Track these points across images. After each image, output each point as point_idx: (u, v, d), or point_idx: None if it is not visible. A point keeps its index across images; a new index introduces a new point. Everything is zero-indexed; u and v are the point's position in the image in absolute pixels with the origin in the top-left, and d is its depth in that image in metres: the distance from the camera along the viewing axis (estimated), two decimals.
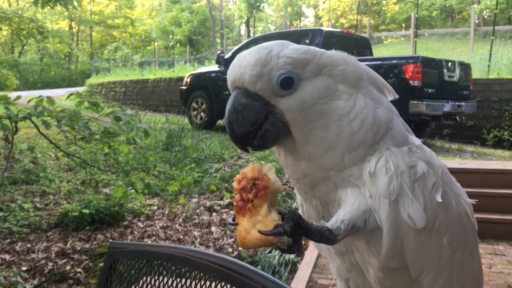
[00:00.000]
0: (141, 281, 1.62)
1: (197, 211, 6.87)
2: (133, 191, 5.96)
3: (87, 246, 5.82)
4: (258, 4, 29.36)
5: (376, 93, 1.31)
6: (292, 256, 5.19)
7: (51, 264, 5.38)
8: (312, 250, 5.07)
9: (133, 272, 1.65)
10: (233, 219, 1.22)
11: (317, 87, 1.22)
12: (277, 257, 5.20)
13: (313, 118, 1.22)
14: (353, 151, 1.23)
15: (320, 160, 1.24)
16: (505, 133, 11.41)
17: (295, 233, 1.16)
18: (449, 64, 9.95)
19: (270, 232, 1.13)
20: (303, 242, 1.21)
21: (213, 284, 1.36)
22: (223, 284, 1.33)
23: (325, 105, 1.22)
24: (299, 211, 1.46)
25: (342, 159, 1.24)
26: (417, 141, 1.36)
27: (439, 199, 1.26)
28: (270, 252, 5.36)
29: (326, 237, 1.19)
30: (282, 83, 1.20)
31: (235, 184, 1.23)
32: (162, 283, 1.54)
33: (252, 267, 1.26)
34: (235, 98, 1.22)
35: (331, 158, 1.23)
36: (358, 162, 1.24)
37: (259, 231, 1.13)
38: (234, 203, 1.21)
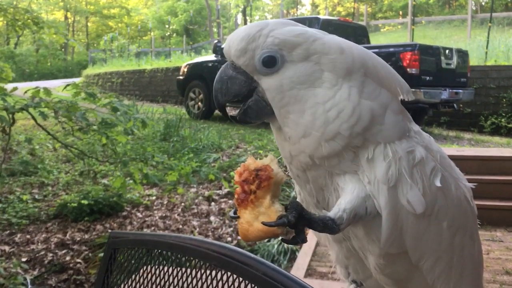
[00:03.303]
0: (141, 270, 1.63)
1: (196, 200, 6.88)
2: (131, 181, 5.97)
3: (86, 236, 5.84)
4: None
5: (372, 87, 1.26)
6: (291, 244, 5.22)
7: (51, 255, 5.39)
8: (310, 238, 5.09)
9: (133, 261, 1.66)
10: (235, 212, 1.21)
11: (299, 72, 1.22)
12: (276, 246, 5.22)
13: (289, 102, 1.22)
14: (330, 141, 1.21)
15: (297, 144, 1.25)
16: (503, 120, 11.42)
17: (297, 224, 1.15)
18: (447, 51, 9.93)
19: (274, 223, 1.12)
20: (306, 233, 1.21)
21: (214, 272, 1.37)
22: (223, 272, 1.33)
23: (302, 91, 1.22)
24: (298, 200, 1.47)
25: (319, 147, 1.23)
26: (415, 127, 1.35)
27: (438, 184, 1.25)
28: (269, 240, 5.38)
29: (329, 227, 1.19)
30: (265, 61, 1.22)
31: (236, 177, 1.21)
32: (162, 272, 1.55)
33: (252, 255, 1.26)
34: (223, 68, 1.28)
35: (307, 144, 1.23)
36: (338, 152, 1.23)
37: (263, 223, 1.12)
38: (236, 196, 1.19)
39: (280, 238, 1.19)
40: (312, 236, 5.13)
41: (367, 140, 1.24)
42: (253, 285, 1.23)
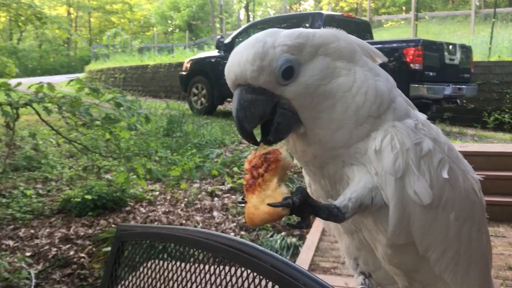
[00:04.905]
0: (149, 263, 1.64)
1: (199, 196, 6.89)
2: (135, 176, 5.98)
3: (90, 231, 5.86)
4: None
5: (371, 64, 1.32)
6: (294, 239, 5.23)
7: (55, 249, 5.41)
8: (313, 233, 5.10)
9: (141, 253, 1.67)
10: (242, 198, 1.22)
11: (317, 69, 1.22)
12: (279, 241, 5.23)
13: (319, 100, 1.22)
14: (359, 126, 1.24)
15: (331, 142, 1.25)
16: (506, 116, 11.40)
17: (303, 210, 1.16)
18: (450, 47, 9.91)
19: (279, 203, 1.13)
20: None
21: (222, 265, 1.37)
22: (231, 264, 1.34)
23: (328, 85, 1.23)
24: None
25: (350, 136, 1.24)
26: (422, 116, 1.36)
27: (445, 176, 1.26)
28: (272, 236, 5.40)
29: (334, 214, 1.20)
30: (285, 72, 1.20)
31: (246, 165, 1.23)
32: (170, 265, 1.56)
33: (261, 247, 1.27)
34: (239, 95, 1.22)
35: (341, 137, 1.24)
36: (364, 137, 1.25)
37: (268, 204, 1.13)
38: (244, 182, 1.21)
39: (286, 224, 1.20)
40: (315, 231, 5.14)
41: (382, 121, 1.26)
42: (261, 277, 1.24)
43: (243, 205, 1.20)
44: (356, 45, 1.31)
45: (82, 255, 5.30)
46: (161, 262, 1.61)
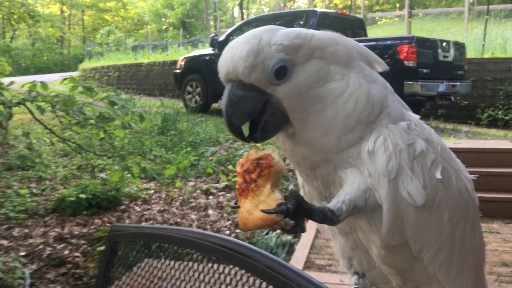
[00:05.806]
0: (142, 263, 1.63)
1: (194, 194, 6.88)
2: (129, 175, 5.96)
3: (84, 230, 5.83)
4: None
5: (368, 70, 1.31)
6: (289, 237, 5.23)
7: (49, 249, 5.39)
8: (308, 231, 5.11)
9: (134, 253, 1.66)
10: (235, 203, 1.21)
11: (310, 71, 1.22)
12: (274, 239, 5.23)
13: (310, 103, 1.22)
14: (349, 132, 1.24)
15: (318, 144, 1.24)
16: (500, 112, 11.44)
17: (297, 214, 1.16)
18: (444, 44, 9.93)
19: (274, 210, 1.12)
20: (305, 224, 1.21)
21: (216, 265, 1.37)
22: (226, 264, 1.34)
23: (320, 89, 1.22)
24: (301, 193, 1.47)
25: (339, 141, 1.24)
26: (415, 117, 1.37)
27: (438, 176, 1.26)
28: (267, 234, 5.40)
29: (328, 217, 1.20)
30: (278, 72, 1.19)
31: (238, 168, 1.22)
32: (164, 265, 1.56)
33: (255, 248, 1.27)
34: (230, 91, 1.21)
35: (329, 141, 1.24)
36: (355, 143, 1.25)
37: (262, 210, 1.12)
38: (237, 186, 1.20)
39: (279, 230, 1.20)
40: (310, 228, 5.15)
41: (375, 125, 1.26)
42: (255, 277, 1.24)
43: (236, 210, 1.19)
44: (355, 51, 1.31)
45: (77, 254, 5.29)
46: (155, 261, 1.61)
